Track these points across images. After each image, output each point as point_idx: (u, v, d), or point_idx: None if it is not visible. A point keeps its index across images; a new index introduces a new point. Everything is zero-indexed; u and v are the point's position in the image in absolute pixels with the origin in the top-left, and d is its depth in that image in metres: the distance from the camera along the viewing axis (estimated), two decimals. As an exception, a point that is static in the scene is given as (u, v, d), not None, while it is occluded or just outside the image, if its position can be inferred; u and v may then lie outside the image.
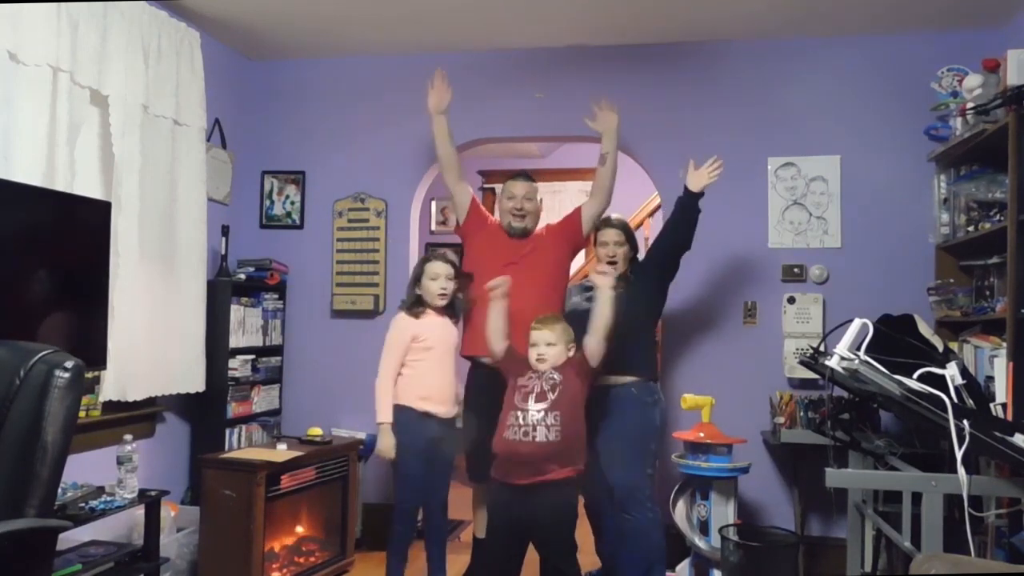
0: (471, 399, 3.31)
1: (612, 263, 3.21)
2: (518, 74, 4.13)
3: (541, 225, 3.47)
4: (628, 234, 3.29)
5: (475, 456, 3.16)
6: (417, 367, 3.15)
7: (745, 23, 3.77)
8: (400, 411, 3.14)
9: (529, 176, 3.45)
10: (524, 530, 2.79)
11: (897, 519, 2.91)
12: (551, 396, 2.78)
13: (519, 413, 2.78)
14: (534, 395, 2.80)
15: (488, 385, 3.07)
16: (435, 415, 3.14)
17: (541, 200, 3.46)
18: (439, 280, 3.17)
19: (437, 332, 3.19)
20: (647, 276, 3.24)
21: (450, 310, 3.25)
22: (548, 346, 2.82)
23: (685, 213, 3.21)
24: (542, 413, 2.75)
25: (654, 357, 3.26)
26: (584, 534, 3.07)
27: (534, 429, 2.73)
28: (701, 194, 3.19)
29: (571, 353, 2.87)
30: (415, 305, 3.20)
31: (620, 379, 3.08)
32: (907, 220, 3.76)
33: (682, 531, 3.36)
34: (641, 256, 3.37)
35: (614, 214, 3.40)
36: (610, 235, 3.26)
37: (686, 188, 3.20)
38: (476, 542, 3.44)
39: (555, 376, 2.82)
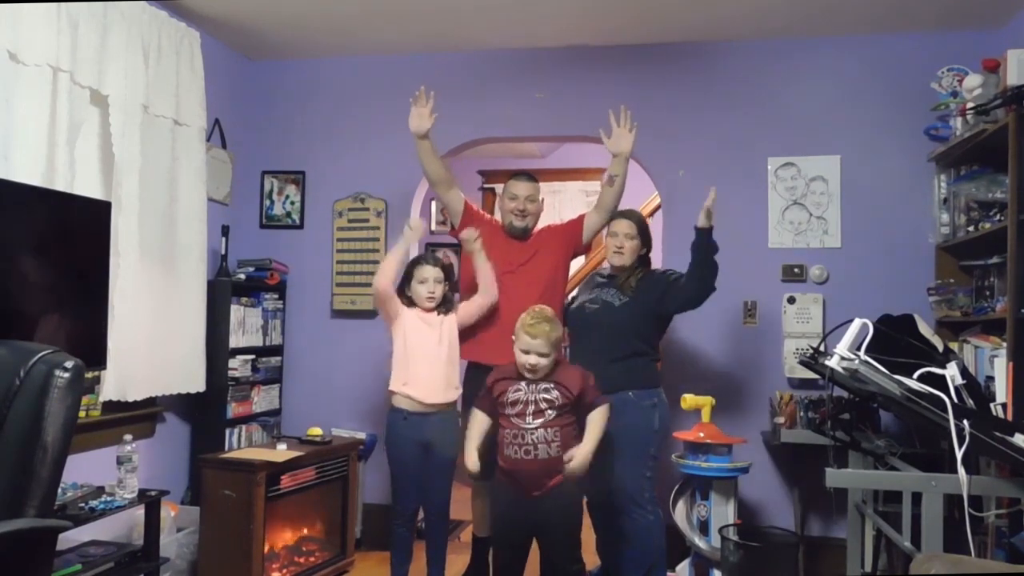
0: (467, 398, 3.30)
1: (619, 253, 3.17)
2: (518, 74, 4.13)
3: (542, 224, 3.46)
4: (641, 228, 3.20)
5: None
6: (399, 352, 3.15)
7: (745, 23, 3.77)
8: (389, 412, 3.14)
9: (532, 176, 3.43)
10: (531, 531, 2.79)
11: (897, 519, 2.92)
12: (549, 413, 2.70)
13: (517, 431, 2.71)
14: (531, 412, 2.71)
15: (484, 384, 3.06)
16: (418, 400, 3.08)
17: (543, 199, 3.46)
18: (427, 284, 3.14)
19: (422, 332, 3.14)
20: (654, 305, 3.13)
21: (444, 307, 3.20)
22: (540, 356, 2.69)
23: (701, 253, 3.03)
24: (542, 430, 2.69)
25: (653, 371, 3.20)
26: (586, 532, 3.07)
27: (535, 447, 2.68)
28: (711, 229, 3.01)
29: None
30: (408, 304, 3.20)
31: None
32: (907, 220, 3.76)
33: (682, 531, 3.36)
34: (650, 256, 3.35)
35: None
36: (621, 226, 3.19)
37: (696, 228, 3.02)
38: (476, 541, 3.44)
39: (552, 394, 2.70)
